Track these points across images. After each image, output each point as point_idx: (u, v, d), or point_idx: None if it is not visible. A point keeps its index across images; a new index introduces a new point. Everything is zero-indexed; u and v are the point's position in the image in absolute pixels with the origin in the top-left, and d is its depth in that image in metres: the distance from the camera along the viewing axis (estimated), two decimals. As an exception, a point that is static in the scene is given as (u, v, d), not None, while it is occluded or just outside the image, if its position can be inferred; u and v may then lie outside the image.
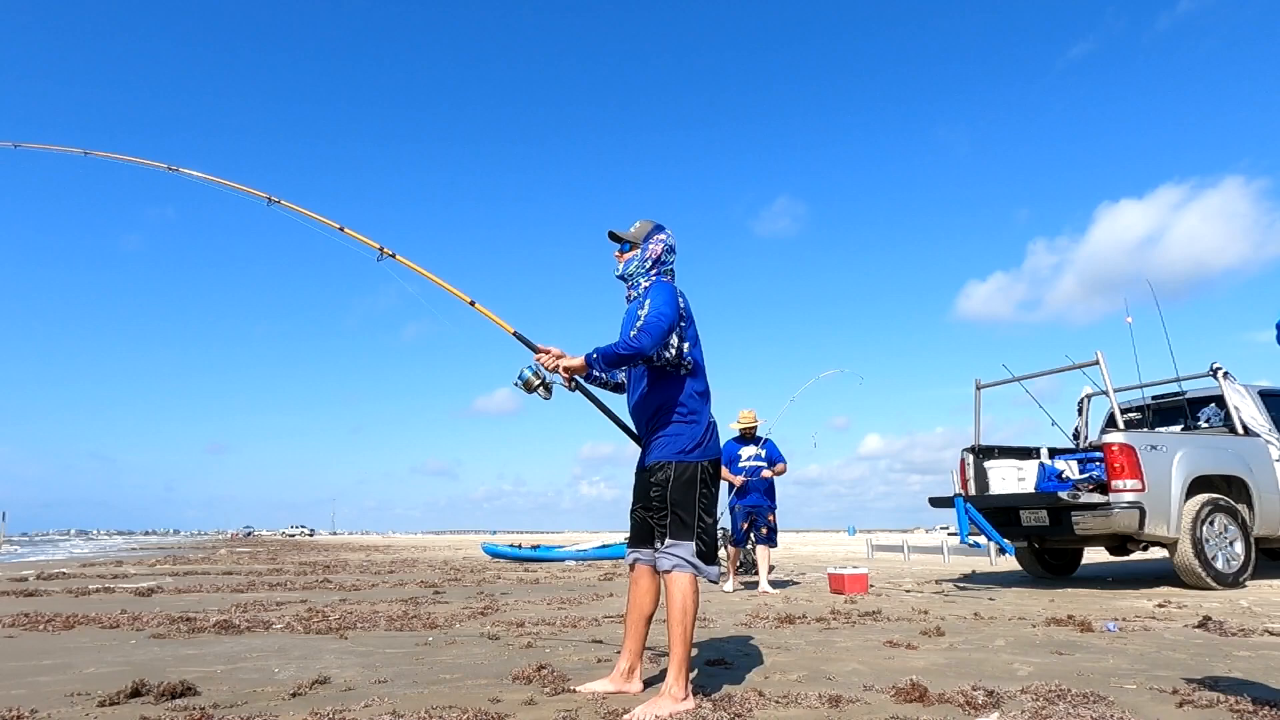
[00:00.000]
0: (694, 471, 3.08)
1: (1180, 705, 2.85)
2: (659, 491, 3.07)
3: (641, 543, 3.23)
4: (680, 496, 3.04)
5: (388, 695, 3.13)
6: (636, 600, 3.22)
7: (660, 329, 3.05)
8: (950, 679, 3.32)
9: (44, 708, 3.01)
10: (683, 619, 2.96)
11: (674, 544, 3.02)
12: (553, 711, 2.85)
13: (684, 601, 2.98)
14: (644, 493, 3.16)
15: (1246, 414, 8.14)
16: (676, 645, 2.94)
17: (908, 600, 6.87)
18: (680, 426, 3.13)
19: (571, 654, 4.12)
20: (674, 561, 3.01)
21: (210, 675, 3.61)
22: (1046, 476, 8.05)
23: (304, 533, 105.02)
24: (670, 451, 3.09)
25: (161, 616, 5.86)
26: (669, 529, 3.04)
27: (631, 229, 3.36)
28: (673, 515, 3.03)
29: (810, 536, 52.14)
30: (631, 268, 3.33)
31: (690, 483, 3.06)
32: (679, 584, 3.00)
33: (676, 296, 3.19)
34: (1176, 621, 5.11)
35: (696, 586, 3.04)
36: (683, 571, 3.00)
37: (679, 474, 3.06)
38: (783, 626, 5.15)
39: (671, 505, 3.04)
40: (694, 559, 3.02)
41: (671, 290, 3.19)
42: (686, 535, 3.03)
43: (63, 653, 4.35)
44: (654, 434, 3.17)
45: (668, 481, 3.05)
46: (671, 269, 3.36)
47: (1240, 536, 7.47)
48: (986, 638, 4.55)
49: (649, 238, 3.33)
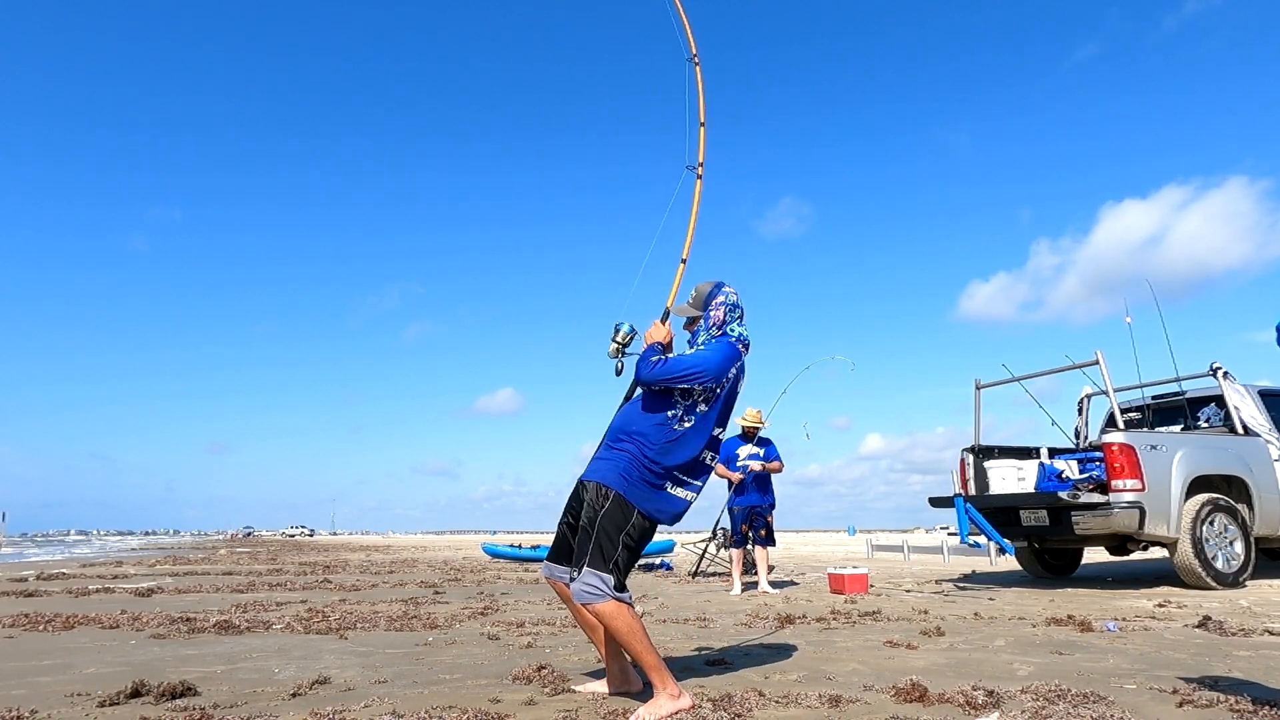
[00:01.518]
0: (629, 517, 2.91)
1: (1180, 705, 2.85)
2: (590, 515, 2.93)
3: (560, 558, 3.14)
4: (609, 529, 2.88)
5: (388, 695, 3.13)
6: (577, 614, 3.15)
7: (677, 374, 2.97)
8: (950, 679, 3.32)
9: (44, 708, 3.01)
10: (632, 639, 2.81)
11: (592, 573, 2.83)
12: (553, 711, 2.85)
13: (624, 624, 2.81)
14: (578, 507, 3.06)
15: (1246, 414, 8.13)
16: (641, 659, 2.82)
17: (908, 600, 6.87)
18: (636, 460, 2.96)
19: (571, 654, 4.12)
20: (595, 595, 2.81)
21: (210, 675, 3.61)
22: (1046, 476, 8.05)
23: (304, 533, 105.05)
24: (616, 478, 2.94)
25: (161, 617, 5.86)
26: (589, 554, 2.86)
27: (688, 300, 3.26)
28: (596, 542, 2.87)
29: (810, 536, 52.13)
30: (701, 339, 3.21)
31: (620, 526, 2.89)
32: (609, 612, 2.81)
33: (732, 363, 3.08)
34: (1176, 621, 5.11)
35: (627, 606, 2.85)
36: (603, 602, 2.81)
37: (616, 505, 2.91)
38: (783, 626, 5.15)
39: (598, 531, 2.88)
40: (613, 591, 2.83)
41: (732, 353, 3.08)
42: (604, 567, 2.84)
43: (63, 653, 4.35)
44: (608, 451, 3.05)
45: (601, 506, 2.91)
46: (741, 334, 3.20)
47: (1240, 536, 7.47)
48: (986, 638, 4.55)
49: (709, 303, 3.21)
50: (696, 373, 2.98)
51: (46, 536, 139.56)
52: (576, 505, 3.11)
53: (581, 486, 3.10)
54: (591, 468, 3.09)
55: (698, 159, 3.87)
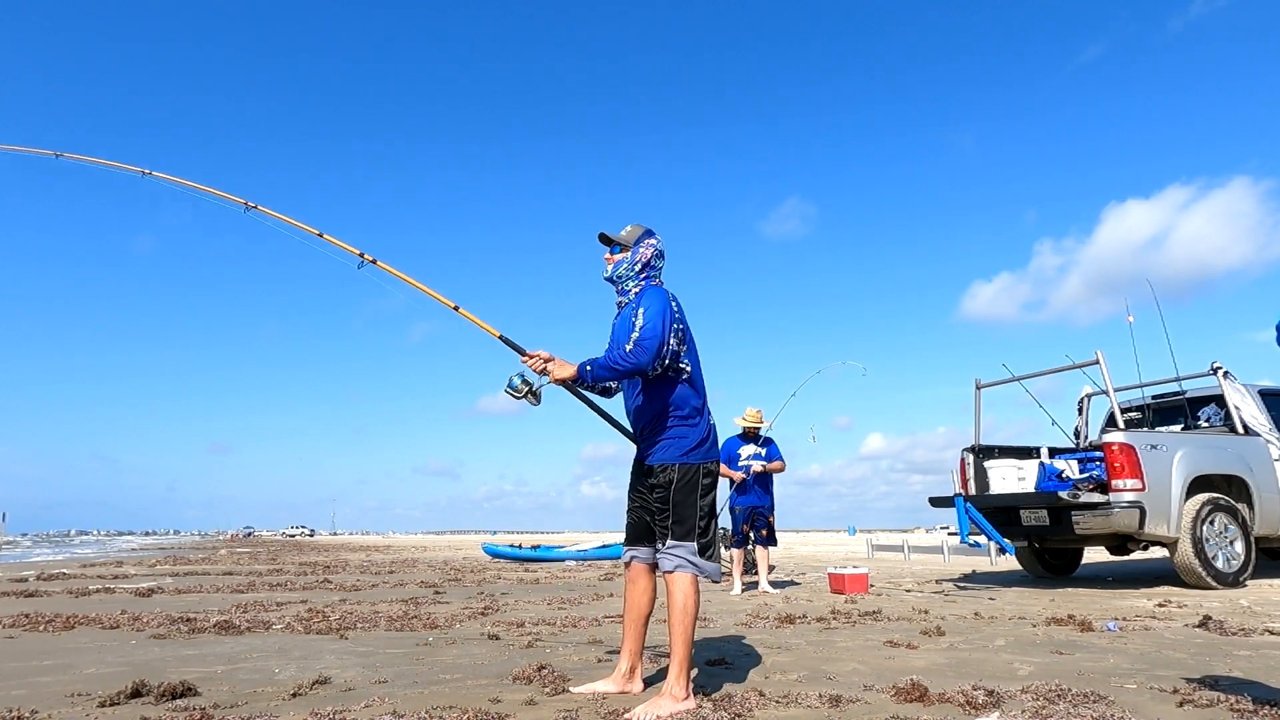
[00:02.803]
0: (696, 473, 3.09)
1: (1180, 705, 2.85)
2: (661, 494, 3.07)
3: (639, 541, 3.23)
4: (682, 498, 3.04)
5: (388, 695, 3.13)
6: (634, 600, 3.22)
7: (657, 341, 3.04)
8: (950, 679, 3.32)
9: (44, 708, 3.01)
10: (684, 619, 2.97)
11: (676, 545, 3.03)
12: (553, 711, 2.85)
13: (685, 602, 2.98)
14: (644, 493, 3.16)
15: (1247, 413, 8.13)
16: (678, 645, 2.94)
17: (908, 600, 6.87)
18: (683, 429, 3.12)
19: (571, 654, 4.12)
20: (676, 562, 3.01)
21: (210, 675, 3.61)
22: (1046, 476, 8.05)
23: (304, 533, 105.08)
24: (674, 454, 3.09)
25: (162, 617, 5.86)
26: (670, 530, 3.04)
27: (623, 232, 3.35)
28: (674, 516, 3.04)
29: (810, 536, 52.13)
30: (621, 270, 3.31)
31: (693, 485, 3.07)
32: (680, 584, 3.00)
33: (669, 303, 3.16)
34: (1177, 621, 5.11)
35: (698, 587, 3.05)
36: (685, 572, 3.01)
37: (682, 476, 3.06)
38: (783, 626, 5.15)
39: (674, 506, 3.04)
40: (695, 559, 3.02)
41: (664, 297, 3.17)
42: (688, 536, 3.03)
43: (63, 653, 4.35)
44: (655, 436, 3.16)
45: (671, 484, 3.06)
46: (659, 274, 3.34)
47: (1240, 536, 7.47)
48: (987, 637, 4.55)
49: (639, 241, 3.32)
50: (664, 330, 3.07)
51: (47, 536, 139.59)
52: (638, 490, 3.21)
53: (641, 470, 3.19)
54: (650, 456, 3.15)
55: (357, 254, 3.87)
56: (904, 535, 30.51)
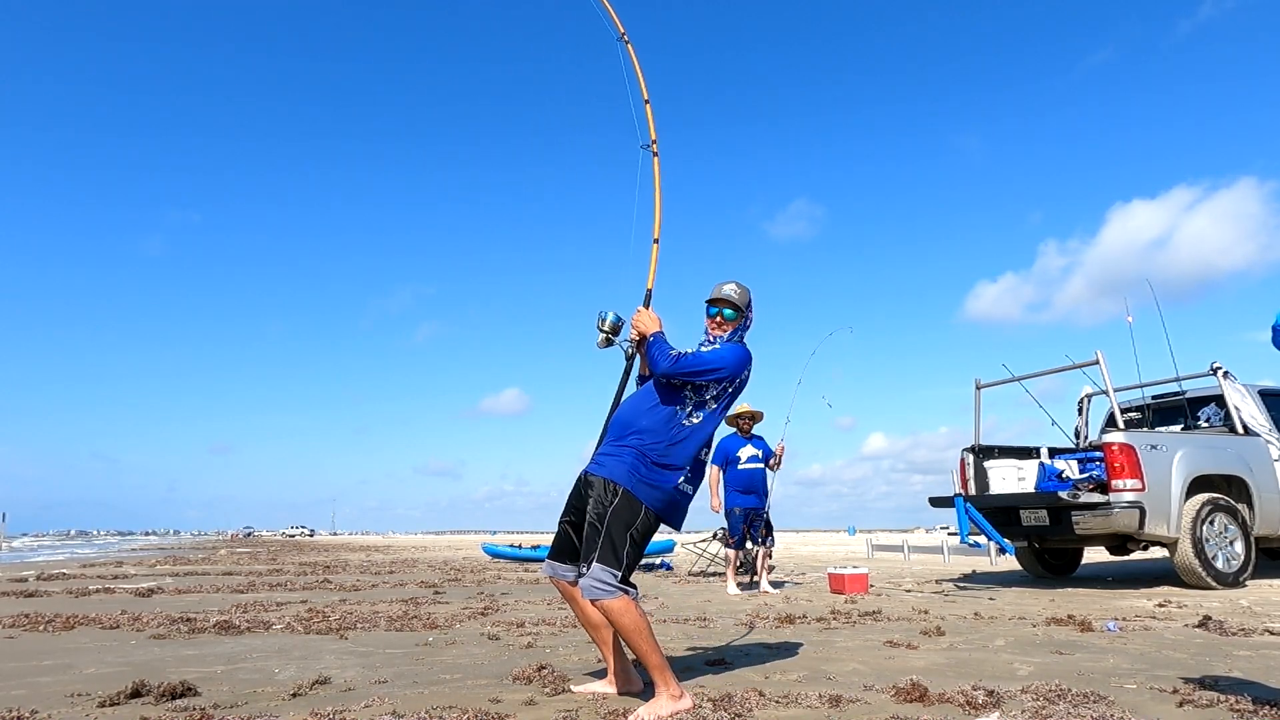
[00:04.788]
0: (637, 514, 2.91)
1: (1180, 705, 2.85)
2: (598, 511, 2.92)
3: (562, 556, 3.12)
4: (618, 527, 2.87)
5: (388, 695, 3.13)
6: (580, 613, 3.12)
7: (698, 369, 2.98)
8: (950, 679, 3.32)
9: (44, 708, 3.01)
10: (637, 637, 2.81)
11: (602, 569, 2.82)
12: (553, 711, 2.85)
13: (632, 621, 2.81)
14: (581, 505, 3.03)
15: (1246, 413, 8.13)
16: (646, 657, 2.82)
17: (908, 600, 6.87)
18: (647, 458, 2.95)
19: (571, 654, 4.12)
20: (605, 591, 2.81)
21: (210, 675, 3.61)
22: (1046, 476, 8.05)
23: (304, 533, 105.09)
24: (626, 476, 2.93)
25: (161, 617, 5.86)
26: (599, 551, 2.85)
27: (735, 294, 3.21)
28: (606, 538, 2.86)
29: (810, 536, 52.13)
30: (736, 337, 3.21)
31: (628, 523, 2.89)
32: (618, 609, 2.81)
33: (747, 366, 3.11)
34: (1176, 621, 5.11)
35: (634, 602, 2.86)
36: (614, 598, 2.82)
37: (626, 503, 2.90)
38: (783, 626, 5.15)
39: (608, 527, 2.87)
40: (622, 586, 2.84)
41: (748, 357, 3.12)
42: (613, 563, 2.84)
43: (63, 653, 4.35)
44: (618, 447, 3.01)
45: (610, 504, 2.90)
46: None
47: (1240, 536, 7.47)
48: (986, 637, 4.55)
49: (750, 307, 3.24)
50: (717, 368, 3.01)
51: (47, 537, 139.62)
52: (579, 502, 3.08)
53: (585, 483, 3.06)
54: (597, 463, 3.05)
55: (650, 136, 3.86)
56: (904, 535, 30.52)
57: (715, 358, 3.03)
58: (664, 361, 3.00)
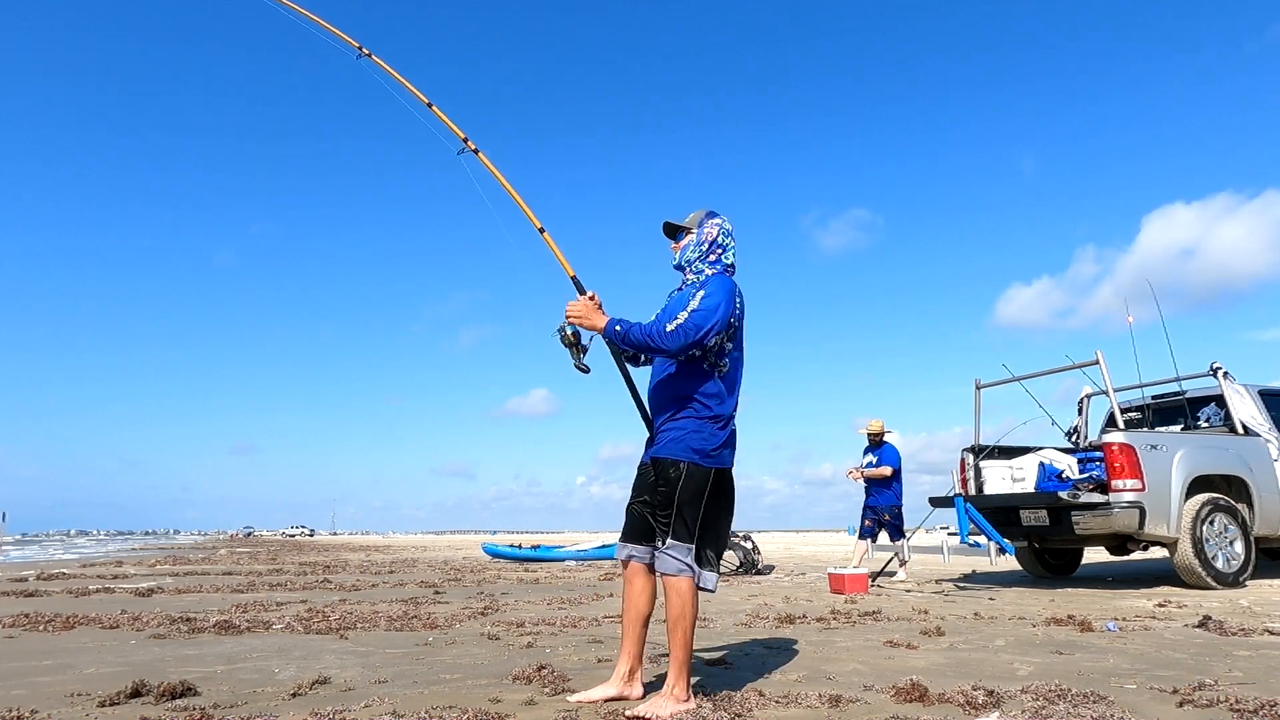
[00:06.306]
0: (705, 479, 2.94)
1: (1180, 705, 2.85)
2: (666, 489, 2.92)
3: (637, 538, 3.06)
4: (687, 499, 2.91)
5: (388, 695, 3.13)
6: (632, 601, 3.06)
7: (701, 330, 2.90)
8: (950, 679, 3.32)
9: (44, 708, 3.01)
10: (683, 623, 2.87)
11: (675, 545, 2.89)
12: (553, 712, 2.85)
13: (684, 606, 2.88)
14: (648, 487, 3.02)
15: (1246, 414, 8.13)
16: (677, 649, 2.87)
17: (908, 600, 6.87)
18: (699, 424, 2.96)
19: (571, 654, 4.12)
20: (677, 565, 2.88)
21: (210, 675, 3.61)
22: (1046, 476, 8.05)
23: (304, 533, 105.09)
24: (683, 450, 2.93)
25: (161, 617, 5.86)
26: (672, 528, 2.90)
27: (686, 218, 3.25)
28: (678, 516, 2.90)
29: (810, 536, 52.11)
30: (689, 253, 3.18)
31: (699, 490, 2.93)
32: (679, 589, 2.88)
33: (735, 296, 3.04)
34: (1176, 621, 5.11)
35: (696, 591, 2.93)
36: (684, 576, 2.88)
37: (689, 476, 2.92)
38: (783, 626, 5.15)
39: (678, 505, 2.90)
40: (694, 564, 2.91)
41: (731, 287, 3.04)
42: (688, 538, 2.90)
43: (63, 653, 4.35)
44: (669, 425, 3.00)
45: (677, 481, 2.91)
46: (733, 262, 3.19)
47: (1240, 536, 7.48)
48: (986, 638, 4.55)
49: (703, 223, 3.21)
50: (713, 322, 2.93)
51: (47, 536, 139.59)
52: (643, 485, 3.06)
53: (647, 467, 3.05)
54: (658, 446, 3.02)
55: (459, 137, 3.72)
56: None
57: (706, 311, 2.93)
58: (665, 342, 2.92)
